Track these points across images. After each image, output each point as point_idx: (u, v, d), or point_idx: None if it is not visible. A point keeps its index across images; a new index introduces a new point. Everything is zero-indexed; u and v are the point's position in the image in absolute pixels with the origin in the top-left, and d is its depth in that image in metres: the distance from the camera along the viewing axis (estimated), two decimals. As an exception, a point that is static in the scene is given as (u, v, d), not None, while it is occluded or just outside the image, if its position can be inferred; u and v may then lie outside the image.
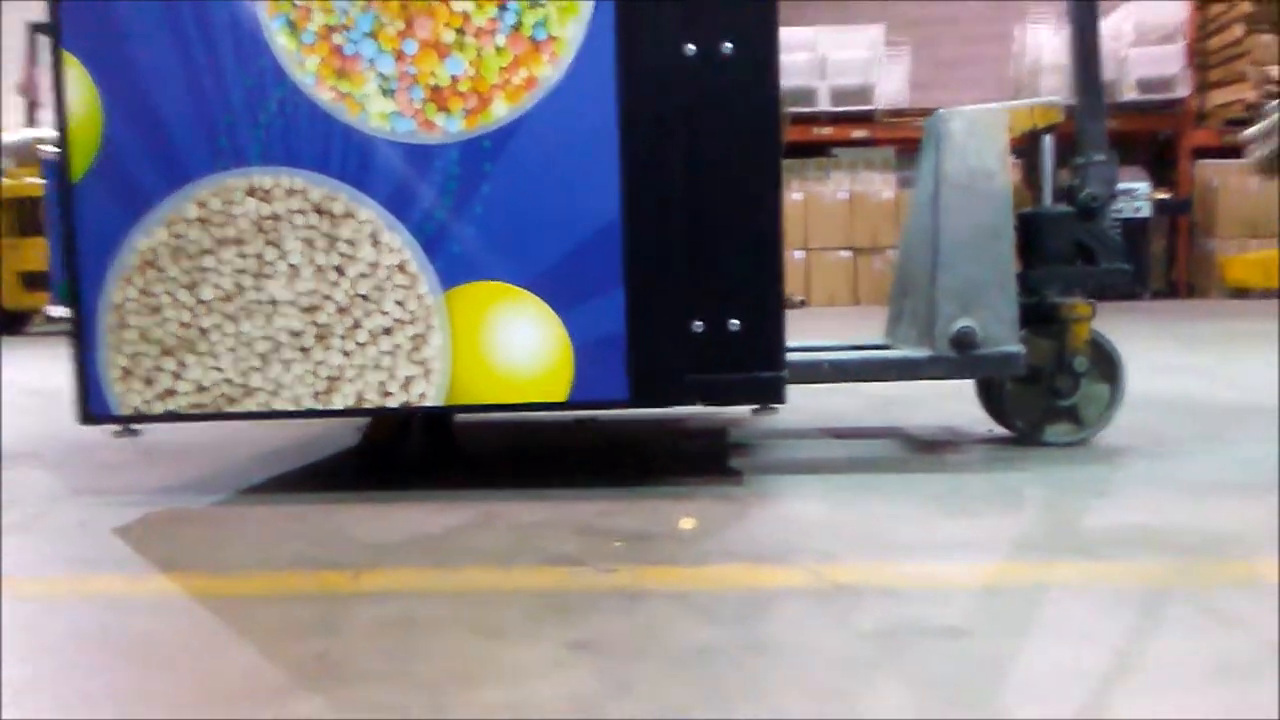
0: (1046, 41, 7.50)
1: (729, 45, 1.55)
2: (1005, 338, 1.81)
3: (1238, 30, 7.28)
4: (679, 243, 1.58)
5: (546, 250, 1.60)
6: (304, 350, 1.64)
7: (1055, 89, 7.25)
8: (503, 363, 1.62)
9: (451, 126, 1.60)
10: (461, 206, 1.61)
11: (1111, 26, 7.26)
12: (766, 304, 1.57)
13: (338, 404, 1.65)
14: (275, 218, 1.64)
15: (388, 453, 2.05)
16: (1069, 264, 1.96)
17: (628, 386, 1.59)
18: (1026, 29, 7.70)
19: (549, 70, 1.58)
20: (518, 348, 1.61)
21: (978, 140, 1.89)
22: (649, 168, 1.57)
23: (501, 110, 1.60)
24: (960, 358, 1.80)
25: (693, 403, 1.62)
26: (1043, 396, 1.96)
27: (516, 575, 1.24)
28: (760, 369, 1.58)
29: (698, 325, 1.58)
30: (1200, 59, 7.51)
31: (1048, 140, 1.99)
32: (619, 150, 1.57)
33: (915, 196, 2.05)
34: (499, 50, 1.59)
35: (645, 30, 1.56)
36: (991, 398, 2.01)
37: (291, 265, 1.64)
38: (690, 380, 1.59)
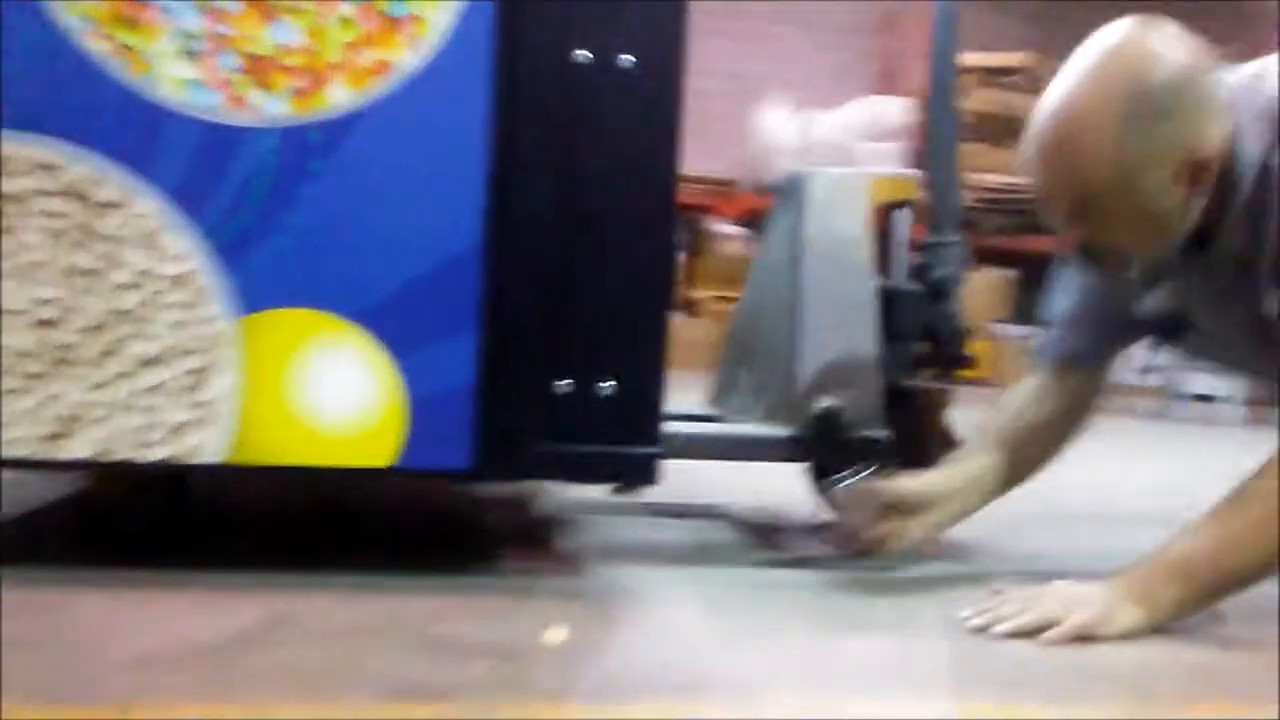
0: (780, 126, 7.75)
1: (629, 57, 1.30)
2: (871, 420, 1.65)
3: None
4: (550, 281, 1.30)
5: (383, 276, 1.27)
6: (32, 378, 1.22)
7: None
8: (312, 413, 1.27)
9: (272, 108, 1.26)
10: (275, 210, 1.26)
11: (842, 119, 7.62)
12: (647, 364, 1.32)
13: (76, 452, 1.24)
14: (14, 199, 1.22)
15: (117, 515, 1.61)
16: (915, 344, 1.84)
17: (471, 454, 1.29)
18: (763, 112, 7.95)
19: (407, 55, 1.27)
20: (334, 396, 1.27)
21: (842, 206, 1.74)
22: (521, 188, 1.29)
23: (340, 96, 1.27)
24: (824, 440, 1.62)
25: (550, 478, 1.34)
26: (885, 486, 1.82)
27: (342, 710, 0.91)
28: (633, 443, 1.32)
29: (564, 384, 1.30)
30: (920, 159, 8.01)
31: (903, 215, 1.88)
32: (485, 163, 1.28)
33: (763, 259, 1.87)
34: (344, 21, 1.26)
35: (533, 26, 1.29)
36: (824, 484, 1.85)
37: (28, 263, 1.22)
38: (549, 451, 1.30)
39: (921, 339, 1.85)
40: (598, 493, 1.53)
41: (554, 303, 1.30)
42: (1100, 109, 1.20)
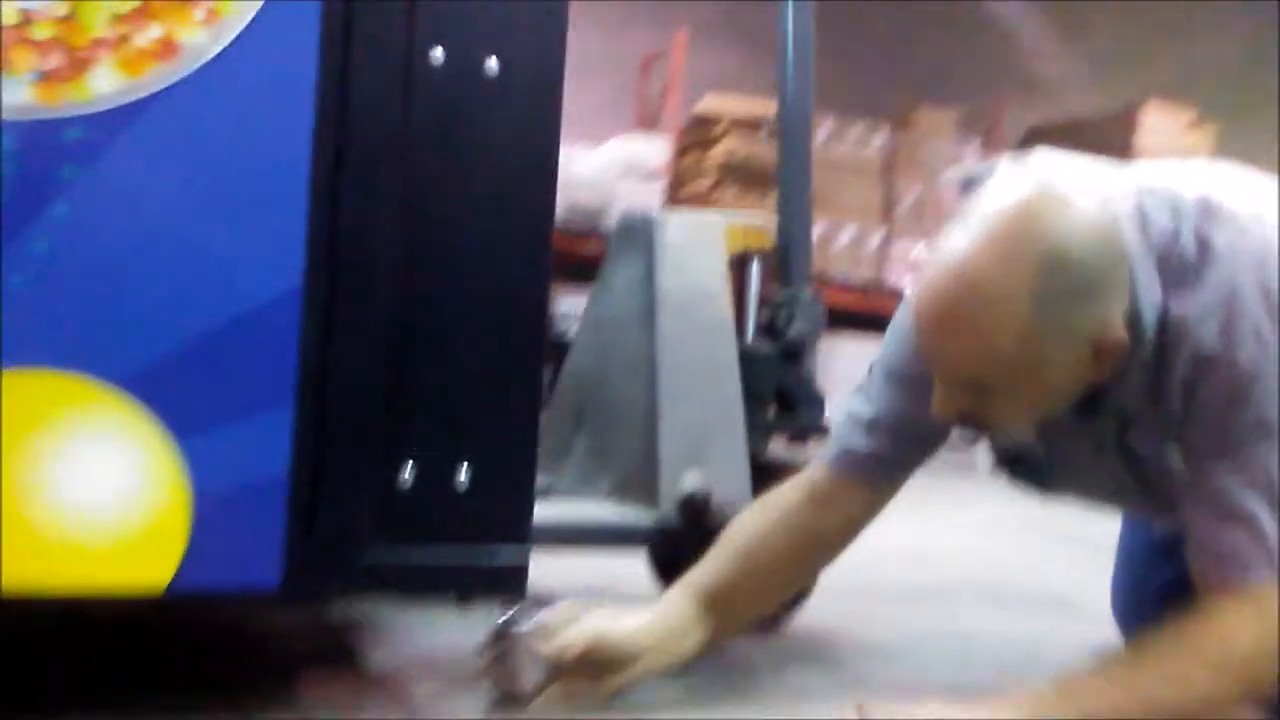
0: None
1: (494, 61, 1.04)
2: (739, 498, 1.44)
3: (705, 183, 7.91)
4: (390, 339, 1.01)
5: (161, 329, 0.94)
6: None
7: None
8: (57, 514, 0.92)
9: (10, 96, 0.91)
10: (9, 234, 0.91)
11: (601, 158, 7.51)
12: (514, 441, 1.05)
13: None
14: None
15: None
16: (769, 410, 1.66)
17: (280, 568, 0.97)
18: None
19: (201, 36, 0.96)
20: (90, 489, 0.93)
21: (699, 254, 1.54)
22: (355, 218, 0.99)
23: (107, 83, 0.93)
24: (690, 526, 1.39)
25: (387, 595, 1.04)
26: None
27: None
28: (495, 542, 1.05)
29: (407, 473, 1.01)
30: (675, 200, 8.02)
31: (756, 266, 1.70)
32: (309, 184, 0.98)
33: (602, 311, 1.64)
34: (116, -16, 0.94)
35: (373, 15, 1.00)
36: (667, 563, 1.62)
37: None
38: (385, 561, 1.01)
39: (776, 404, 1.67)
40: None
41: (394, 367, 1.01)
42: (1008, 284, 1.04)
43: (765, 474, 1.56)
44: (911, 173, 6.04)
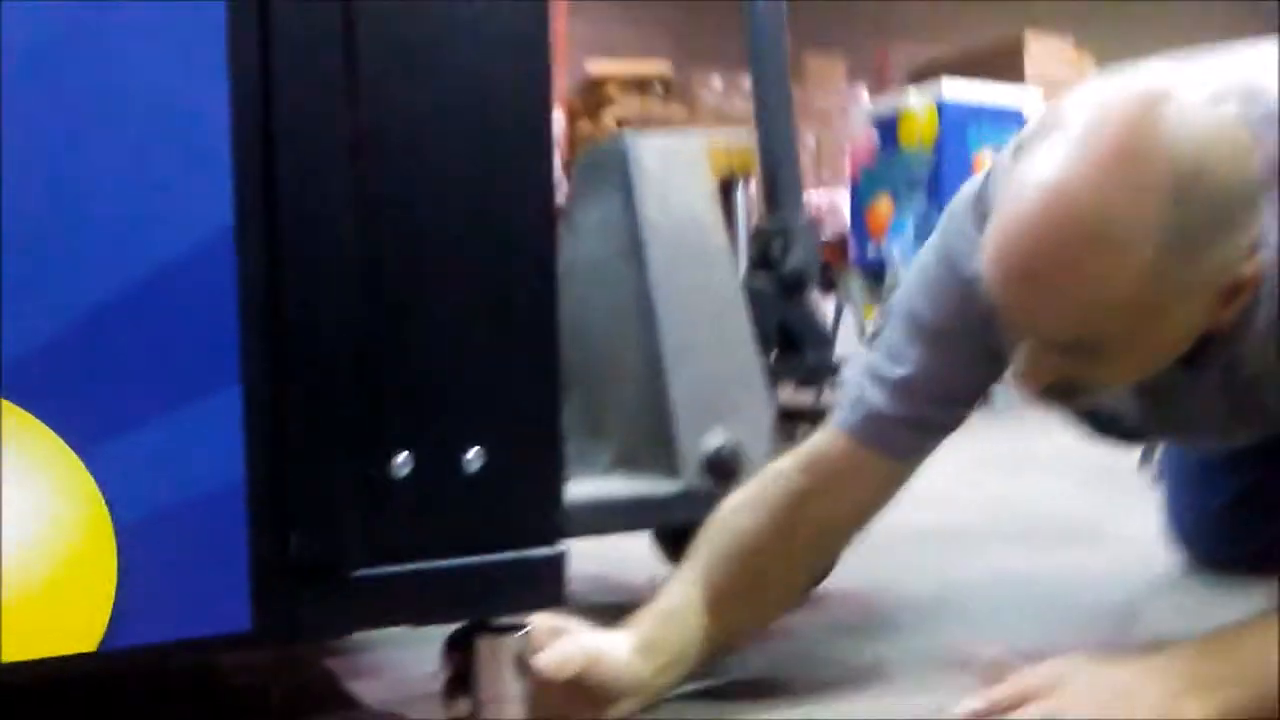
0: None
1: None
2: (769, 453, 1.22)
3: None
4: (361, 287, 0.76)
5: (45, 300, 0.68)
6: None
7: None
8: (-80, 572, 0.65)
9: None
10: None
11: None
12: (535, 416, 0.81)
13: None
14: None
15: None
16: (773, 352, 1.44)
17: (250, 604, 0.72)
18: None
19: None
20: (-34, 533, 0.66)
21: (684, 180, 1.30)
22: (301, 139, 0.74)
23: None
24: (721, 490, 1.16)
25: (385, 623, 0.79)
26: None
27: None
28: (521, 544, 0.80)
29: (400, 464, 0.76)
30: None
31: (742, 192, 1.48)
32: (230, 81, 0.72)
33: (574, 258, 1.40)
34: None
35: None
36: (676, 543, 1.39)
37: None
38: (380, 581, 0.76)
39: (779, 345, 1.46)
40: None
41: (368, 323, 0.76)
42: (1132, 216, 0.81)
43: (782, 422, 1.34)
44: (806, 123, 5.93)
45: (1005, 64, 6.15)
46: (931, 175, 4.30)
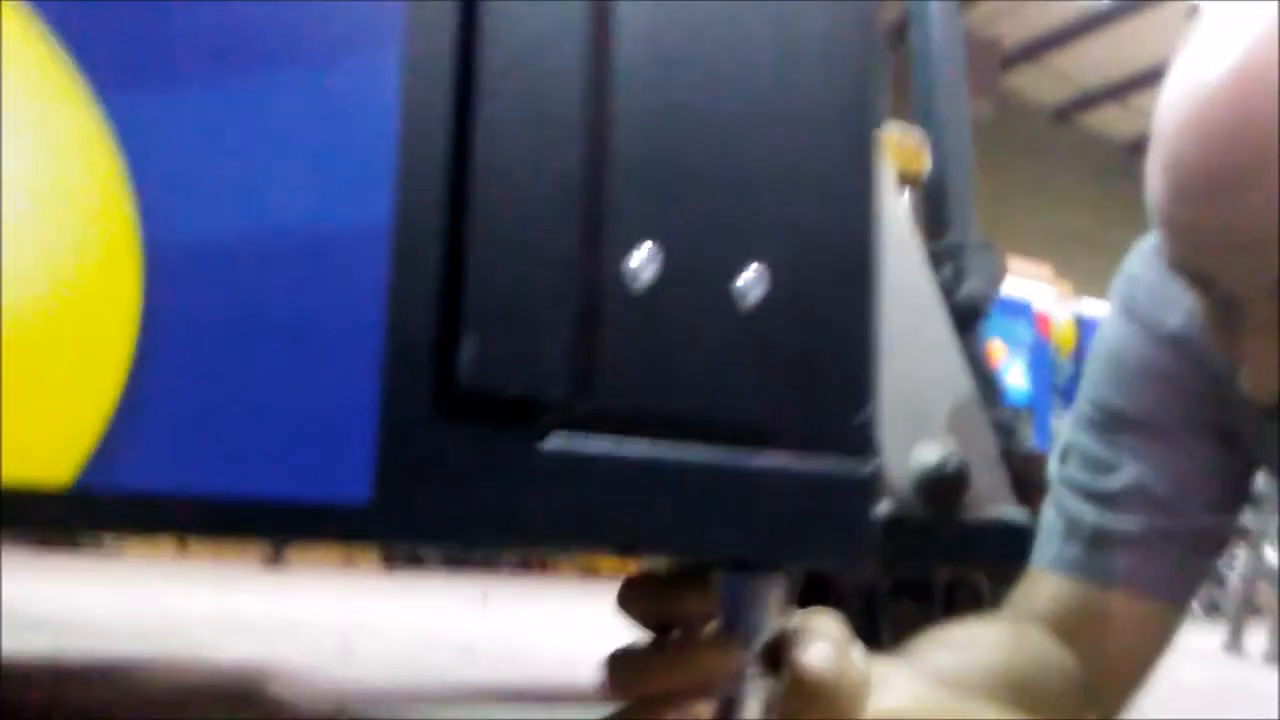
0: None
1: None
2: (997, 489, 0.89)
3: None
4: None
5: None
6: None
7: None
8: None
9: None
10: None
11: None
12: (844, 238, 0.50)
13: None
14: None
15: None
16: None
17: (373, 460, 0.39)
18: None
19: None
20: None
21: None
22: None
23: None
24: (938, 514, 0.83)
25: (588, 540, 0.45)
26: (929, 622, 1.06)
27: None
28: (818, 444, 0.48)
29: (641, 259, 0.45)
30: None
31: (906, 198, 1.21)
32: None
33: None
34: None
35: None
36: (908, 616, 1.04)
37: None
38: (583, 463, 0.43)
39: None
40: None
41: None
42: None
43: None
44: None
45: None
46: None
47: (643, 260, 0.44)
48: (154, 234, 0.36)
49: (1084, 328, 4.31)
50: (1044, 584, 0.80)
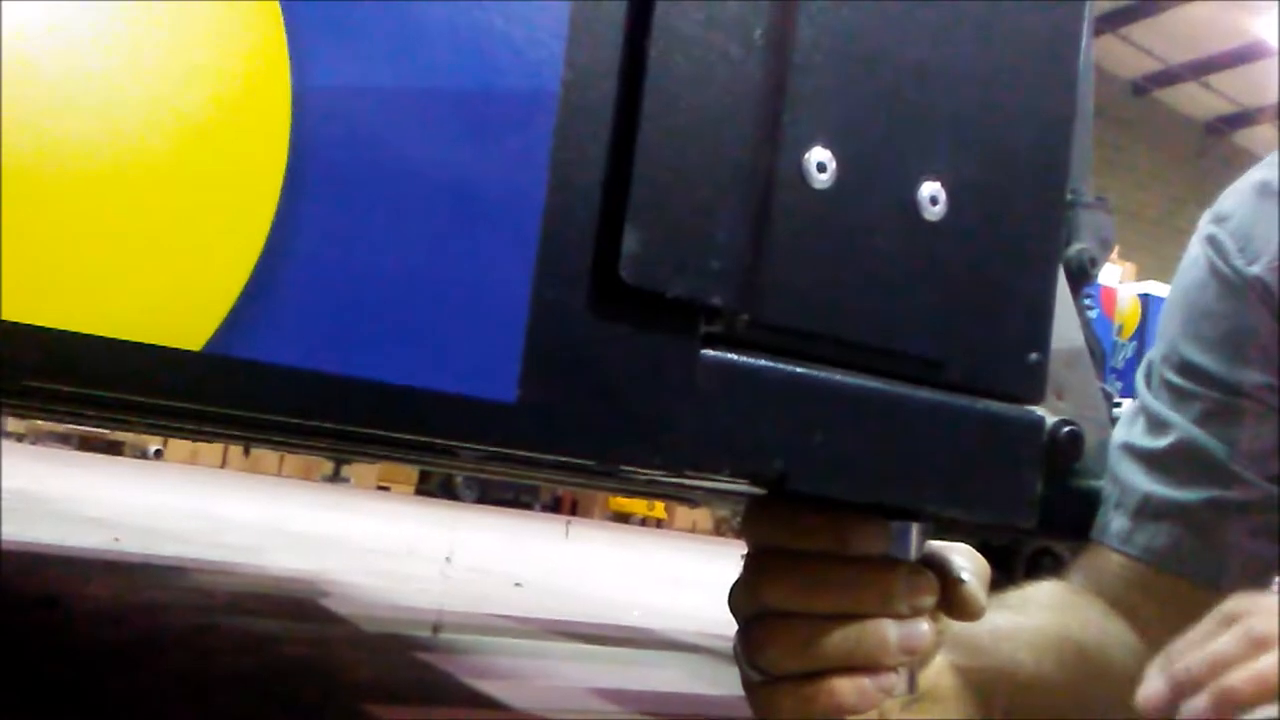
0: None
1: None
2: (1103, 458, 0.85)
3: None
4: None
5: None
6: None
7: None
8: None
9: None
10: None
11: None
12: (1037, 167, 0.46)
13: None
14: None
15: None
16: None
17: (521, 358, 0.35)
18: None
19: None
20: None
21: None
22: None
23: None
24: (1057, 474, 0.79)
25: (736, 464, 0.41)
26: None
27: None
28: (994, 380, 0.44)
29: (817, 158, 0.40)
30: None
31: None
32: None
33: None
34: None
35: None
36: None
37: None
38: (748, 374, 0.39)
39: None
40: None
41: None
42: None
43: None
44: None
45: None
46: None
47: (821, 160, 0.40)
48: (305, 83, 0.32)
49: (1149, 309, 4.21)
50: (1097, 557, 0.75)
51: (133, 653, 0.70)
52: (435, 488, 9.16)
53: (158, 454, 7.47)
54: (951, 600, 0.43)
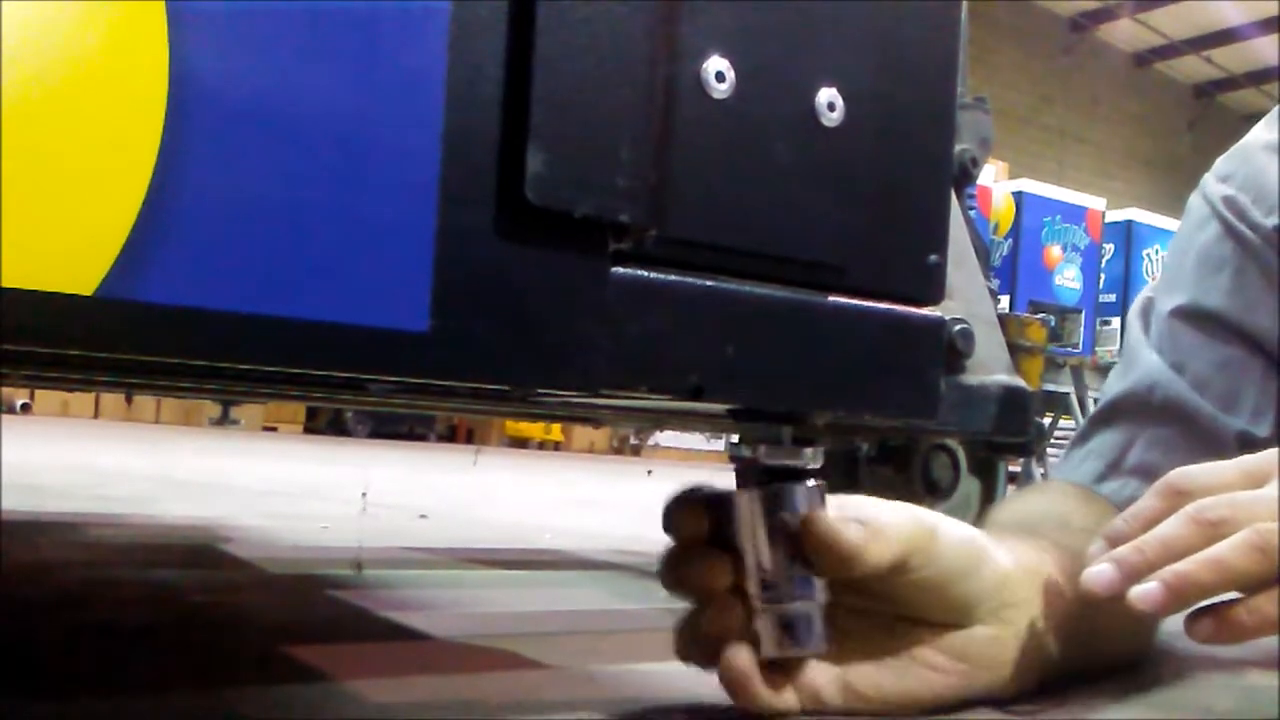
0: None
1: None
2: (995, 354, 0.87)
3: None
4: None
5: None
6: None
7: None
8: None
9: None
10: None
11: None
12: (928, 65, 0.46)
13: None
14: None
15: None
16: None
17: (430, 286, 0.34)
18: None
19: None
20: None
21: None
22: None
23: None
24: (950, 386, 0.81)
25: (652, 381, 0.41)
26: (907, 489, 1.06)
27: None
28: (891, 283, 0.44)
29: (717, 67, 0.40)
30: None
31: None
32: None
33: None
34: None
35: None
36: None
37: None
38: (655, 288, 0.39)
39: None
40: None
41: None
42: None
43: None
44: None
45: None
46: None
47: (719, 69, 0.39)
48: (183, 5, 0.30)
49: (1022, 206, 4.34)
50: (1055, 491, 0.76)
51: (45, 611, 0.68)
52: (324, 425, 9.02)
53: (25, 408, 7.17)
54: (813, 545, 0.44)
